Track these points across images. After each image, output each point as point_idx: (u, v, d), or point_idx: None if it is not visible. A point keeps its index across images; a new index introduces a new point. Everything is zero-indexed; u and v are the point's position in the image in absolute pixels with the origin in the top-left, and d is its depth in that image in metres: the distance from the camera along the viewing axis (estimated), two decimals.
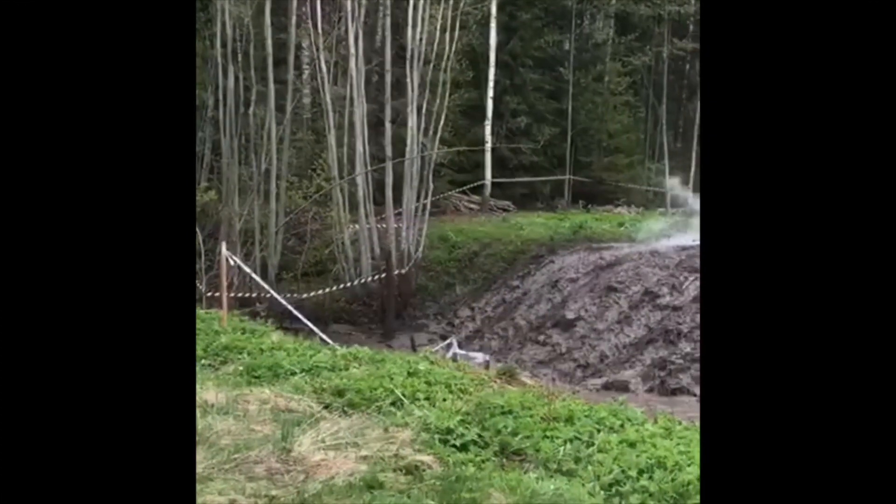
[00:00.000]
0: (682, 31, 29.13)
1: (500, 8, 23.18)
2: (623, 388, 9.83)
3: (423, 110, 16.38)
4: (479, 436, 4.36)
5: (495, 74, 23.10)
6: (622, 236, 18.66)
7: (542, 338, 12.90)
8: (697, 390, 9.77)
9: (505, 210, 22.82)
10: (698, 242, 15.49)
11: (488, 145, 22.84)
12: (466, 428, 4.38)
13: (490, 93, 22.93)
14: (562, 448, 4.29)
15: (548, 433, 4.52)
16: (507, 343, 13.17)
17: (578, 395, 6.65)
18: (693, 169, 27.79)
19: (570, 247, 16.86)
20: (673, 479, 3.83)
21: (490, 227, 19.54)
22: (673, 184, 25.93)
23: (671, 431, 4.66)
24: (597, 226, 19.85)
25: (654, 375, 10.22)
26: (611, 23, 28.44)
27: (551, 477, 3.96)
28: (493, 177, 23.01)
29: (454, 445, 4.18)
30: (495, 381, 6.47)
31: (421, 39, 16.29)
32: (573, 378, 11.08)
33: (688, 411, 8.91)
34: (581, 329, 12.47)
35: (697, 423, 5.31)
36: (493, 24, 22.82)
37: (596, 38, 27.97)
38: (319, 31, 16.63)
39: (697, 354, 10.52)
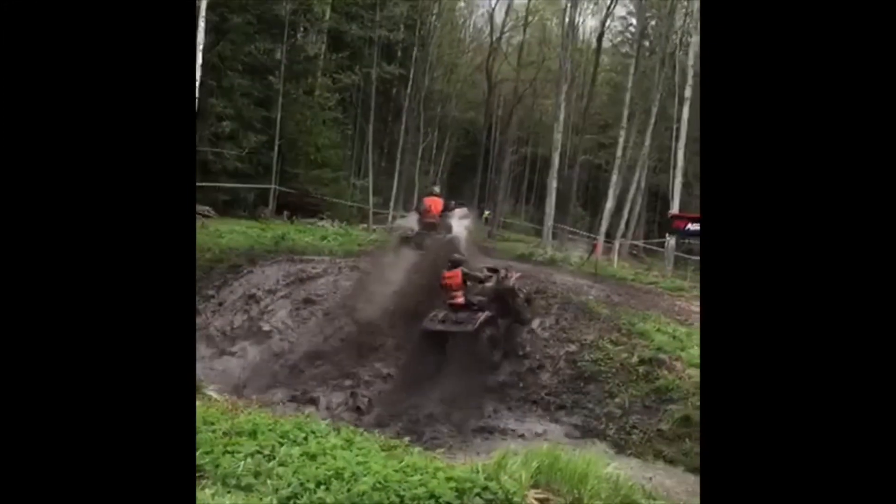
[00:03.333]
0: (390, 56, 30.45)
1: (210, 7, 22.31)
2: (313, 400, 9.92)
3: None
4: None
5: (201, 75, 22.19)
6: (324, 249, 18.88)
7: (236, 350, 12.58)
8: (387, 401, 10.16)
9: (205, 216, 21.85)
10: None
11: None
12: None
13: (195, 93, 21.97)
14: (242, 463, 4.22)
15: (229, 448, 4.42)
16: (199, 355, 12.63)
17: (266, 409, 6.59)
18: (395, 188, 29.12)
19: (271, 258, 16.65)
20: (349, 490, 3.94)
21: None
22: (376, 201, 26.90)
23: (352, 443, 4.80)
24: (300, 238, 19.86)
25: (345, 387, 10.45)
26: (323, 38, 28.80)
27: (229, 492, 3.88)
28: None
29: None
30: None
31: None
32: (266, 391, 10.93)
33: (374, 422, 9.23)
34: (276, 341, 12.38)
35: (376, 434, 5.55)
36: (201, 23, 21.91)
37: (308, 51, 28.10)
38: None
39: (387, 368, 10.95)
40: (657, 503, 5.05)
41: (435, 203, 15.04)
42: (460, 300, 11.34)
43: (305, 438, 4.85)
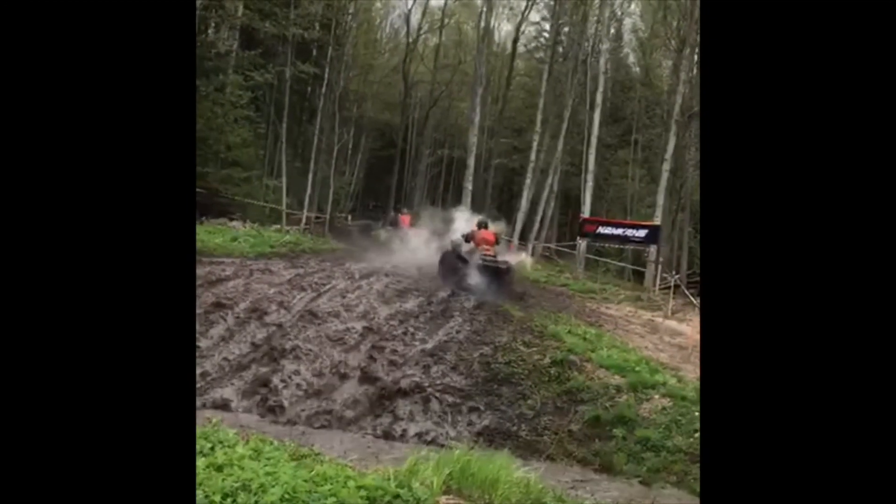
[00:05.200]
0: (305, 55, 30.02)
1: None
2: (224, 407, 9.67)
3: None
4: None
5: None
6: (235, 251, 18.46)
7: None
8: (299, 408, 10.00)
9: None
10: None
11: None
12: None
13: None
14: None
15: None
16: None
17: None
18: (309, 189, 28.73)
19: None
20: (256, 501, 3.85)
21: None
22: (289, 201, 26.39)
23: (260, 453, 4.69)
24: (209, 239, 19.33)
25: (256, 393, 10.23)
26: (235, 35, 28.17)
27: None
28: None
29: None
30: None
31: None
32: None
33: (286, 431, 9.08)
34: None
35: (287, 442, 5.43)
36: None
37: (219, 47, 27.42)
38: None
39: (298, 374, 10.78)
40: None
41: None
42: (492, 252, 15.83)
43: (212, 449, 4.70)
